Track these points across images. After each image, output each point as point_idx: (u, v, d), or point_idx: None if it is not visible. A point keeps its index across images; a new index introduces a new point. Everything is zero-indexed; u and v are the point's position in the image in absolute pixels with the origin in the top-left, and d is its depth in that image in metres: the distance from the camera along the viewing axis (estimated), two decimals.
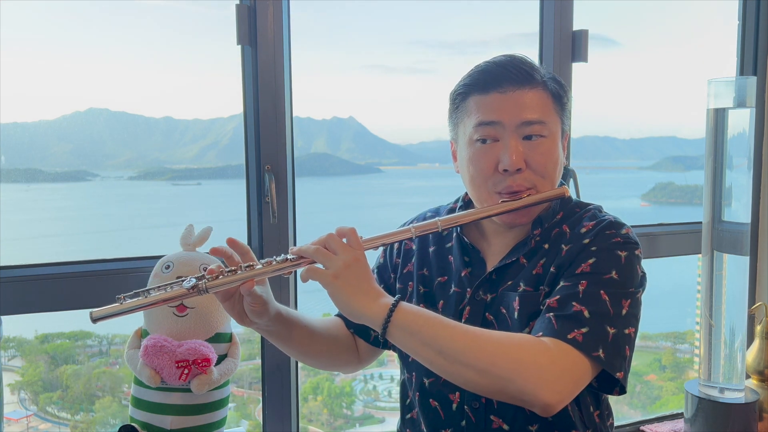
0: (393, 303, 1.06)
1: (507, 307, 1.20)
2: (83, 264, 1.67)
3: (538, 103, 1.18)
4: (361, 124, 3.74)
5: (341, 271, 1.05)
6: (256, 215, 1.79)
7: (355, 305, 1.06)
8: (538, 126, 1.18)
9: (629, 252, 1.15)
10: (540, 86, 1.19)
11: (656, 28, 3.06)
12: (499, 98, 1.17)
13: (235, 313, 1.15)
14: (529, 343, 1.06)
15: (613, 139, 3.76)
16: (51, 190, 2.59)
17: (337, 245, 1.08)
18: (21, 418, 2.61)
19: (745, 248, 1.89)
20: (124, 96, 2.32)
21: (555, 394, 1.03)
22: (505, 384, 1.03)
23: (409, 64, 3.51)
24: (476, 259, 1.27)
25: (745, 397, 1.87)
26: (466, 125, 1.22)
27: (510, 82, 1.17)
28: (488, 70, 1.20)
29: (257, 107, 1.75)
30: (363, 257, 1.09)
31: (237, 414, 2.63)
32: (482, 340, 1.05)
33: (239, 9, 1.72)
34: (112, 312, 1.05)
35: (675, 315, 3.58)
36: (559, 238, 1.21)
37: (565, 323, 1.08)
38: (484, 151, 1.19)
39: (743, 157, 1.87)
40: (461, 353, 1.04)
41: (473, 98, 1.20)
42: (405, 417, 1.34)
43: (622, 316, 1.11)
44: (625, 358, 1.12)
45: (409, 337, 1.05)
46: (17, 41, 1.94)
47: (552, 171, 1.20)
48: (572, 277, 1.13)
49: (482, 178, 1.20)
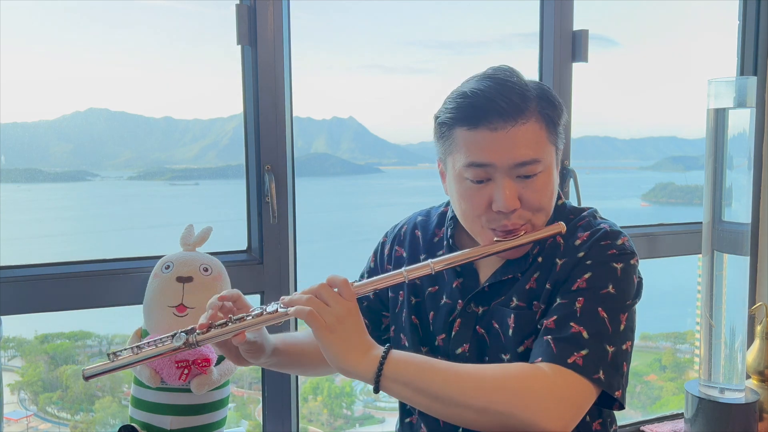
0: (382, 355, 1.04)
1: (500, 323, 1.17)
2: (83, 264, 1.67)
3: (531, 140, 1.10)
4: (361, 124, 3.74)
5: (334, 326, 1.03)
6: (256, 215, 1.78)
7: (346, 362, 1.04)
8: (533, 165, 1.11)
9: (625, 263, 1.12)
10: (532, 118, 1.10)
11: (656, 28, 3.06)
12: (490, 137, 1.09)
13: (232, 356, 1.15)
14: (525, 374, 1.04)
15: (613, 139, 3.76)
16: (51, 190, 2.59)
17: (330, 297, 1.05)
18: (21, 418, 2.61)
19: (745, 248, 1.88)
20: (124, 96, 2.32)
21: (558, 422, 1.01)
22: (506, 419, 1.01)
23: (409, 64, 3.51)
24: (468, 270, 1.24)
25: (745, 397, 1.87)
26: (455, 159, 1.14)
27: (500, 117, 1.08)
28: (476, 103, 1.10)
29: (257, 107, 1.75)
30: (355, 308, 1.06)
31: (237, 414, 2.63)
32: (476, 378, 1.03)
33: (239, 9, 1.72)
34: (105, 369, 1.06)
35: (675, 315, 3.58)
36: (553, 250, 1.17)
37: (565, 347, 1.06)
38: (477, 190, 1.13)
39: (743, 157, 1.87)
40: (457, 396, 1.02)
41: (460, 132, 1.12)
42: (404, 420, 1.33)
43: (620, 332, 1.09)
44: (623, 375, 1.10)
45: (403, 388, 1.04)
46: (17, 41, 1.94)
47: (547, 204, 1.16)
48: (569, 294, 1.11)
49: (475, 215, 1.15)
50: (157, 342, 1.07)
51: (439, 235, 1.30)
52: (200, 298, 1.51)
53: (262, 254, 1.78)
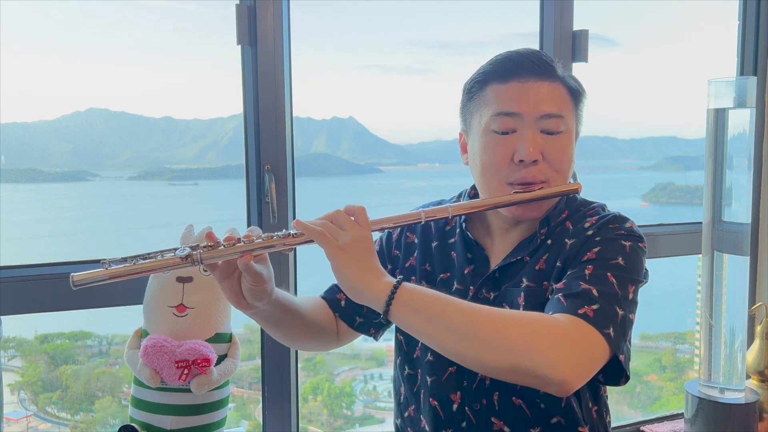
0: (397, 282, 1.02)
1: (511, 304, 1.18)
2: (83, 264, 1.66)
3: (557, 97, 1.17)
4: (361, 124, 3.73)
5: (349, 245, 1.02)
6: (256, 215, 1.78)
7: (358, 282, 1.02)
8: (557, 120, 1.16)
9: (633, 243, 1.14)
10: (559, 80, 1.19)
11: (656, 28, 3.06)
12: (519, 88, 1.16)
13: (233, 294, 1.08)
14: (540, 318, 1.03)
15: (613, 139, 3.76)
16: (51, 190, 2.59)
17: (346, 222, 1.05)
18: (21, 418, 2.61)
19: (745, 248, 1.88)
20: (124, 96, 2.32)
21: (571, 369, 0.97)
22: (518, 359, 0.96)
23: (409, 64, 3.51)
24: (480, 256, 1.26)
25: (745, 397, 1.87)
26: (482, 114, 1.19)
27: (530, 72, 1.16)
28: (509, 58, 1.19)
29: (257, 107, 1.75)
30: (370, 236, 1.05)
31: (237, 414, 2.63)
32: (492, 314, 1.01)
33: (239, 9, 1.71)
34: (96, 278, 0.95)
35: (675, 315, 3.58)
36: (562, 234, 1.20)
37: (575, 300, 1.05)
38: (501, 141, 1.17)
39: (743, 157, 1.87)
40: (470, 327, 0.98)
41: (492, 87, 1.18)
42: (403, 415, 1.33)
43: (629, 300, 1.10)
44: (628, 342, 1.10)
45: (414, 315, 1.00)
46: (17, 41, 1.94)
47: (567, 166, 1.19)
48: (578, 265, 1.12)
49: (496, 168, 1.18)
50: (158, 254, 0.98)
51: (452, 223, 1.31)
52: (200, 298, 1.51)
53: None
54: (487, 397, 1.19)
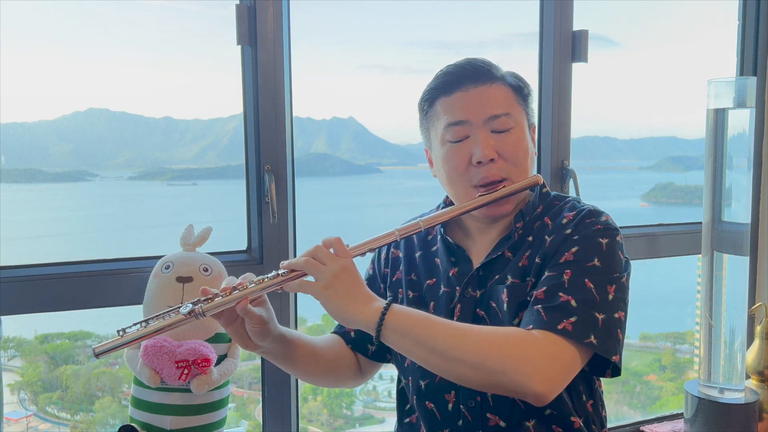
0: (384, 306, 1.09)
1: (496, 301, 1.22)
2: (83, 264, 1.67)
3: (500, 97, 1.24)
4: (361, 124, 3.73)
5: (330, 282, 1.09)
6: (256, 215, 1.79)
7: (347, 313, 1.09)
8: (504, 118, 1.23)
9: (610, 239, 1.19)
10: (499, 81, 1.25)
11: (656, 28, 3.06)
12: (463, 97, 1.23)
13: (239, 337, 1.17)
14: (518, 337, 1.09)
15: (613, 139, 3.75)
16: (51, 190, 2.58)
17: (325, 256, 1.11)
18: (21, 419, 2.61)
19: (745, 248, 1.89)
20: (124, 96, 2.32)
21: (546, 384, 1.06)
22: (498, 377, 1.06)
23: (409, 64, 3.51)
24: (462, 258, 1.30)
25: (745, 397, 1.87)
26: (437, 129, 1.27)
27: (471, 81, 1.24)
28: (449, 72, 1.27)
29: (257, 107, 1.75)
30: (351, 264, 1.12)
31: (237, 414, 2.63)
32: (473, 336, 1.08)
33: (239, 9, 1.72)
34: (114, 345, 1.08)
35: (675, 315, 3.58)
36: (541, 230, 1.24)
37: (554, 314, 1.11)
38: (457, 149, 1.24)
39: (743, 157, 1.87)
40: (454, 350, 1.07)
41: (439, 101, 1.26)
42: (403, 421, 1.35)
43: (609, 301, 1.14)
44: (619, 341, 1.15)
45: (403, 339, 1.08)
46: (17, 41, 1.94)
47: (523, 159, 1.25)
48: (556, 267, 1.16)
49: (458, 174, 1.24)
50: (164, 315, 1.10)
51: (433, 233, 1.37)
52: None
53: (262, 254, 1.78)
54: (481, 394, 1.21)
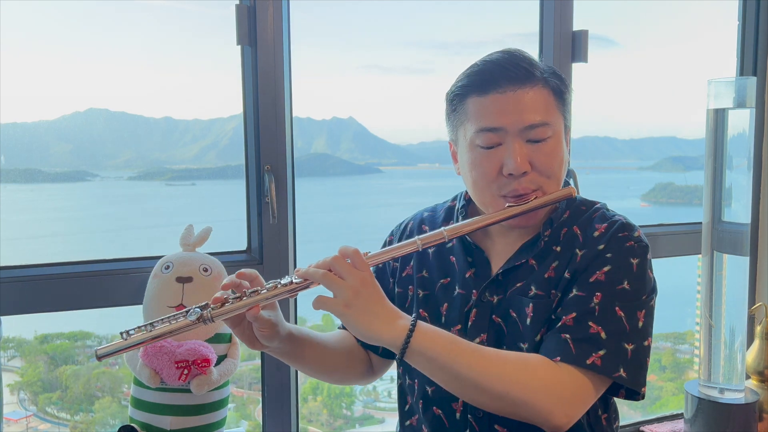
0: (410, 327, 1.04)
1: (518, 312, 1.18)
2: (83, 264, 1.67)
3: (539, 103, 1.14)
4: (360, 124, 3.73)
5: (351, 300, 1.03)
6: (256, 215, 1.78)
7: (370, 332, 1.04)
8: (542, 128, 1.14)
9: (641, 258, 1.15)
10: (540, 83, 1.15)
11: (656, 28, 3.06)
12: (499, 100, 1.13)
13: (246, 338, 1.13)
14: (545, 370, 1.07)
15: (613, 140, 3.75)
16: (51, 190, 2.58)
17: (343, 268, 1.04)
18: (20, 419, 2.60)
19: (745, 248, 1.88)
20: (124, 96, 2.32)
21: (567, 417, 1.06)
22: (519, 408, 1.05)
23: (408, 65, 3.51)
24: (480, 259, 1.25)
25: (745, 397, 1.87)
26: (466, 129, 1.18)
27: (509, 82, 1.13)
28: (485, 69, 1.15)
29: (257, 107, 1.75)
30: (371, 278, 1.05)
31: (237, 414, 2.63)
32: (499, 365, 1.06)
33: (239, 9, 1.71)
34: (118, 348, 1.04)
35: (675, 315, 3.58)
36: (571, 240, 1.19)
37: (583, 347, 1.08)
38: (487, 156, 1.15)
39: (743, 157, 1.87)
40: (479, 379, 1.04)
41: (471, 100, 1.16)
42: (404, 423, 1.32)
43: (639, 329, 1.11)
44: (646, 369, 1.13)
45: (427, 362, 1.05)
46: (17, 41, 1.94)
47: (558, 171, 1.17)
48: (586, 287, 1.12)
49: (486, 182, 1.17)
50: (171, 319, 1.05)
51: None
52: (200, 298, 1.51)
53: (262, 254, 1.78)
54: None
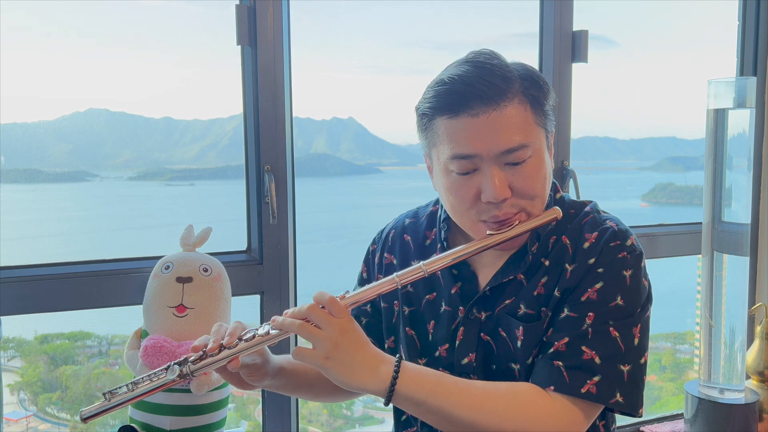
0: (393, 374, 1.00)
1: (508, 332, 1.13)
2: (83, 264, 1.66)
3: (516, 123, 1.03)
4: (360, 124, 3.74)
5: (330, 351, 0.97)
6: (256, 215, 1.78)
7: (353, 382, 0.99)
8: (521, 151, 1.04)
9: (634, 269, 1.08)
10: (516, 98, 1.03)
11: (656, 28, 3.06)
12: (472, 124, 1.02)
13: (235, 382, 1.10)
14: (538, 402, 1.04)
15: (613, 140, 3.76)
16: (51, 190, 2.59)
17: (320, 318, 0.98)
18: (20, 419, 2.61)
19: (745, 249, 1.88)
20: (123, 96, 2.32)
21: None
22: None
23: (408, 65, 3.51)
24: (466, 273, 1.18)
25: (745, 397, 1.87)
26: (439, 151, 1.08)
27: (481, 102, 1.01)
28: (454, 89, 1.03)
29: (257, 107, 1.75)
30: (349, 324, 1.00)
31: (237, 414, 2.63)
32: (491, 402, 1.02)
33: (239, 9, 1.71)
34: (101, 408, 1.03)
35: (675, 315, 3.58)
36: (561, 253, 1.11)
37: (577, 375, 1.04)
38: (463, 182, 1.06)
39: (743, 157, 1.87)
40: (470, 419, 1.01)
41: (441, 122, 1.05)
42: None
43: (635, 347, 1.07)
44: (643, 389, 1.08)
45: (415, 407, 1.02)
46: (17, 41, 1.94)
47: (541, 190, 1.08)
48: (578, 307, 1.07)
49: (464, 208, 1.08)
50: (152, 376, 1.05)
51: (431, 237, 1.24)
52: (200, 298, 1.51)
53: (262, 254, 1.78)
54: None
